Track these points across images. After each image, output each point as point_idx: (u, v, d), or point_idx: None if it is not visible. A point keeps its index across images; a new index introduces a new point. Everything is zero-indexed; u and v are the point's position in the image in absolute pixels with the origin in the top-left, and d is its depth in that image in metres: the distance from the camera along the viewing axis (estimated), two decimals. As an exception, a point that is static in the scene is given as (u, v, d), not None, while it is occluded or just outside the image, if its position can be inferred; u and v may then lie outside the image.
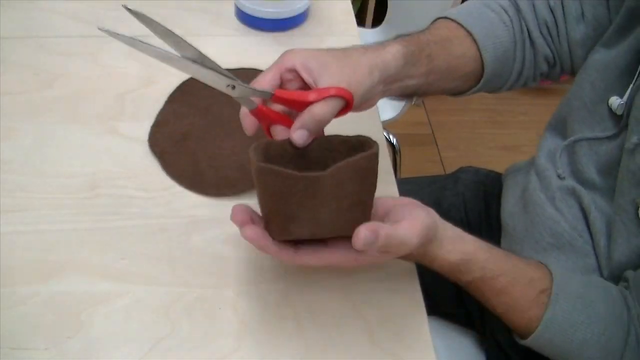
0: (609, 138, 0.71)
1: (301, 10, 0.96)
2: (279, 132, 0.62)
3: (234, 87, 0.59)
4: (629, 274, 0.66)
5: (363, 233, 0.53)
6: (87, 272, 0.65)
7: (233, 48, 0.93)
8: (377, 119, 0.84)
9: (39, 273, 0.65)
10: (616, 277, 0.69)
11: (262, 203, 0.58)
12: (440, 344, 0.87)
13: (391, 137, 1.40)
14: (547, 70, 0.81)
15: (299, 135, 0.59)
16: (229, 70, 0.60)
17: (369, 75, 0.63)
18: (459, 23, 0.75)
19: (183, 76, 0.86)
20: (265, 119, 0.62)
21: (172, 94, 0.84)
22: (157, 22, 0.56)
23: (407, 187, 0.93)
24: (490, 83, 0.78)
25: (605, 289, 0.64)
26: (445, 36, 0.74)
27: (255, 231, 0.56)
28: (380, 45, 0.67)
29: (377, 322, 0.63)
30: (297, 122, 0.60)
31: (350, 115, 0.76)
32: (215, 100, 0.84)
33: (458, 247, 0.61)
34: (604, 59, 0.73)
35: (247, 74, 0.88)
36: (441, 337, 0.90)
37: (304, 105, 0.60)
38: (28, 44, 0.90)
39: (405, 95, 0.74)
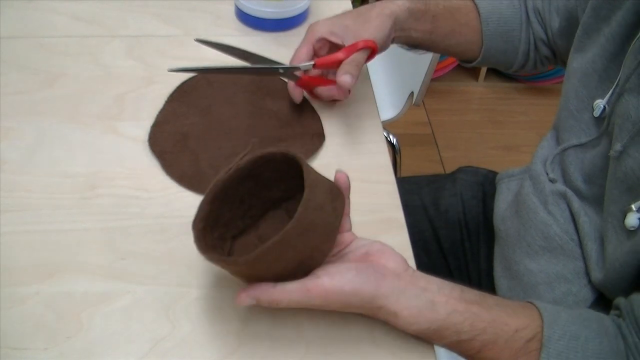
0: (592, 143, 0.72)
1: (301, 10, 0.96)
2: (322, 92, 0.80)
3: (282, 70, 0.78)
4: (620, 301, 0.63)
5: (241, 298, 0.57)
6: (87, 272, 0.65)
7: (233, 48, 0.93)
8: (377, 119, 0.84)
9: (39, 273, 0.65)
10: (610, 284, 0.69)
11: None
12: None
13: (391, 137, 1.39)
14: (551, 55, 0.87)
15: (345, 78, 0.73)
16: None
17: (382, 25, 0.78)
18: None
19: (183, 76, 0.86)
20: (308, 85, 0.80)
21: (172, 94, 0.84)
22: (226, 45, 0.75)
23: (406, 186, 0.94)
24: (493, 58, 0.86)
25: (598, 322, 0.61)
26: (455, 4, 0.83)
27: None
28: None
29: (378, 322, 0.63)
30: (342, 70, 0.74)
31: (350, 115, 0.77)
32: (215, 100, 0.84)
33: (425, 316, 0.58)
34: (581, 66, 0.74)
35: (247, 74, 0.89)
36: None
37: (339, 62, 0.75)
38: (28, 44, 0.90)
39: (411, 45, 0.86)
